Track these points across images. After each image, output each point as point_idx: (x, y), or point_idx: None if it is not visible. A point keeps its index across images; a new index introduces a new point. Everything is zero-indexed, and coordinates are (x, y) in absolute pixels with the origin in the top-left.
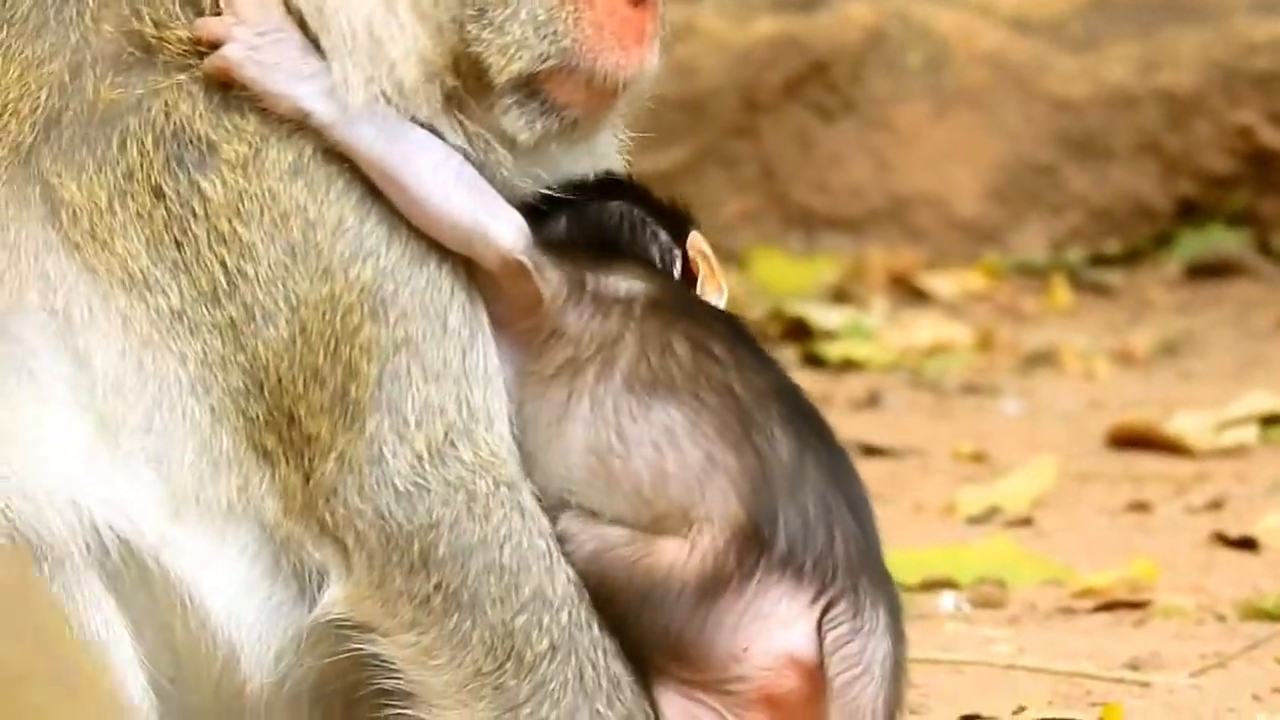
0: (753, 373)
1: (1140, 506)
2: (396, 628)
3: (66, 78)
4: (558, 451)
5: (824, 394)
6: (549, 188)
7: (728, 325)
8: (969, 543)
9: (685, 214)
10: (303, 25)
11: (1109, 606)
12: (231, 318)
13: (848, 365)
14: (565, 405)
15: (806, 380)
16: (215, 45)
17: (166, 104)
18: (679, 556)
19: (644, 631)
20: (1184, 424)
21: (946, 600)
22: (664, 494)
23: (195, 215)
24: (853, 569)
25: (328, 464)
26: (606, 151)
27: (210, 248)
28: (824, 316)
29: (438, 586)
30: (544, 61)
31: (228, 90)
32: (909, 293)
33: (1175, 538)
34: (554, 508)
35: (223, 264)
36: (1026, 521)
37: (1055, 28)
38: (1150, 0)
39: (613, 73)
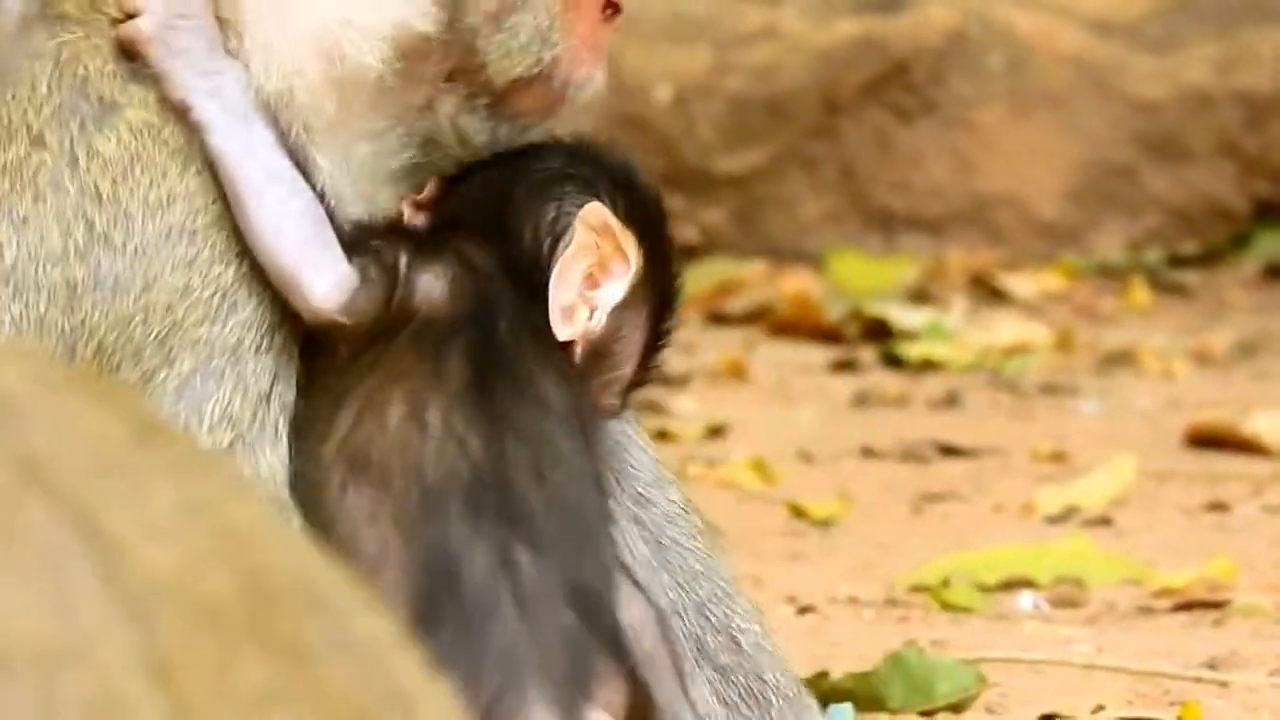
0: (458, 448)
1: (1218, 506)
2: None
3: None
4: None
5: (903, 394)
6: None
7: (478, 368)
8: (1047, 542)
9: (634, 181)
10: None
11: (1187, 606)
12: (73, 280)
13: (927, 365)
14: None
15: (886, 381)
16: (132, 15)
17: (76, 56)
18: None
19: None
20: (1262, 424)
21: (1025, 600)
22: (360, 571)
23: (75, 167)
24: (519, 671)
25: None
26: None
27: (80, 204)
28: (903, 317)
29: None
30: (535, 68)
31: (133, 61)
32: (988, 293)
33: (1253, 537)
34: None
35: (89, 224)
36: (1105, 521)
37: (1135, 29)
38: (1230, 1)
39: (579, 85)
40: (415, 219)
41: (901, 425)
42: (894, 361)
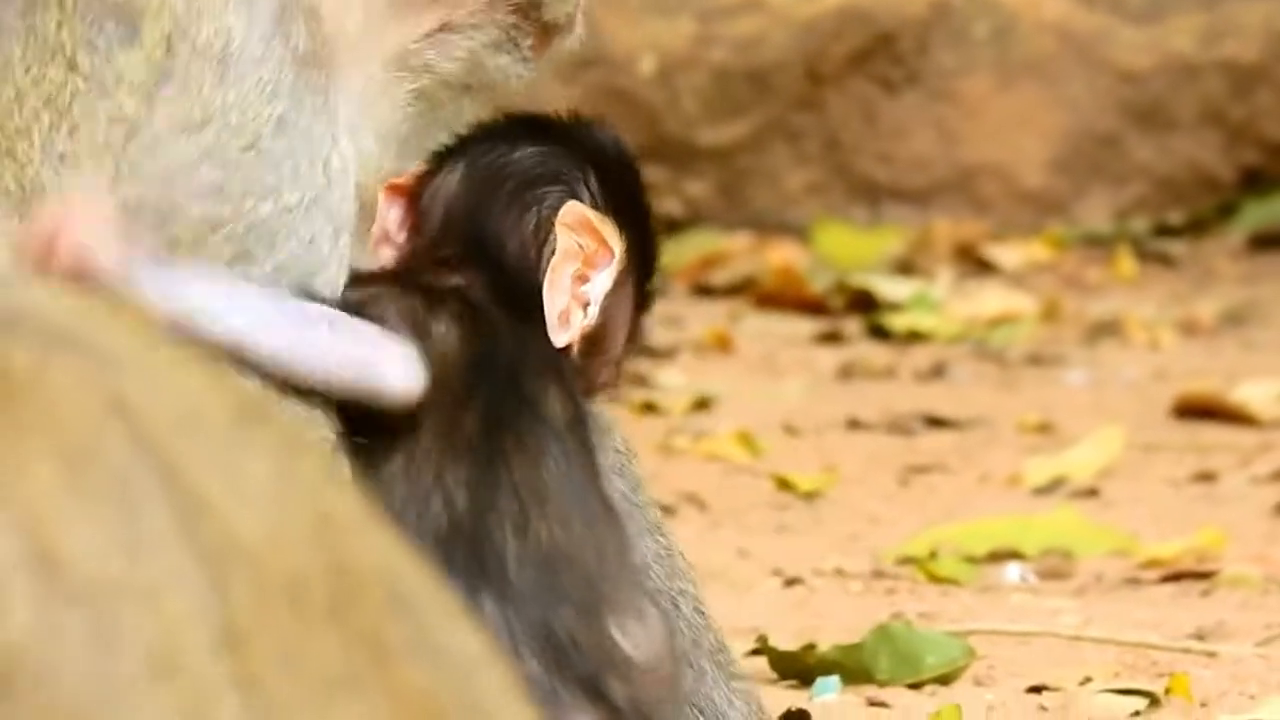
0: (443, 502)
1: (1206, 476)
2: None
3: None
4: None
5: (889, 366)
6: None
7: (485, 421)
8: (1034, 514)
9: (606, 157)
10: None
11: (1175, 577)
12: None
13: (913, 337)
14: None
15: (872, 352)
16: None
17: None
18: None
19: None
20: (1249, 393)
21: (1012, 571)
22: None
23: (105, 90)
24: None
25: None
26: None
27: (108, 131)
28: (889, 288)
29: None
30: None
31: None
32: (974, 264)
33: (1241, 507)
34: None
35: (118, 150)
36: (1092, 492)
37: None
38: None
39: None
40: (393, 206)
41: (888, 397)
42: (880, 333)
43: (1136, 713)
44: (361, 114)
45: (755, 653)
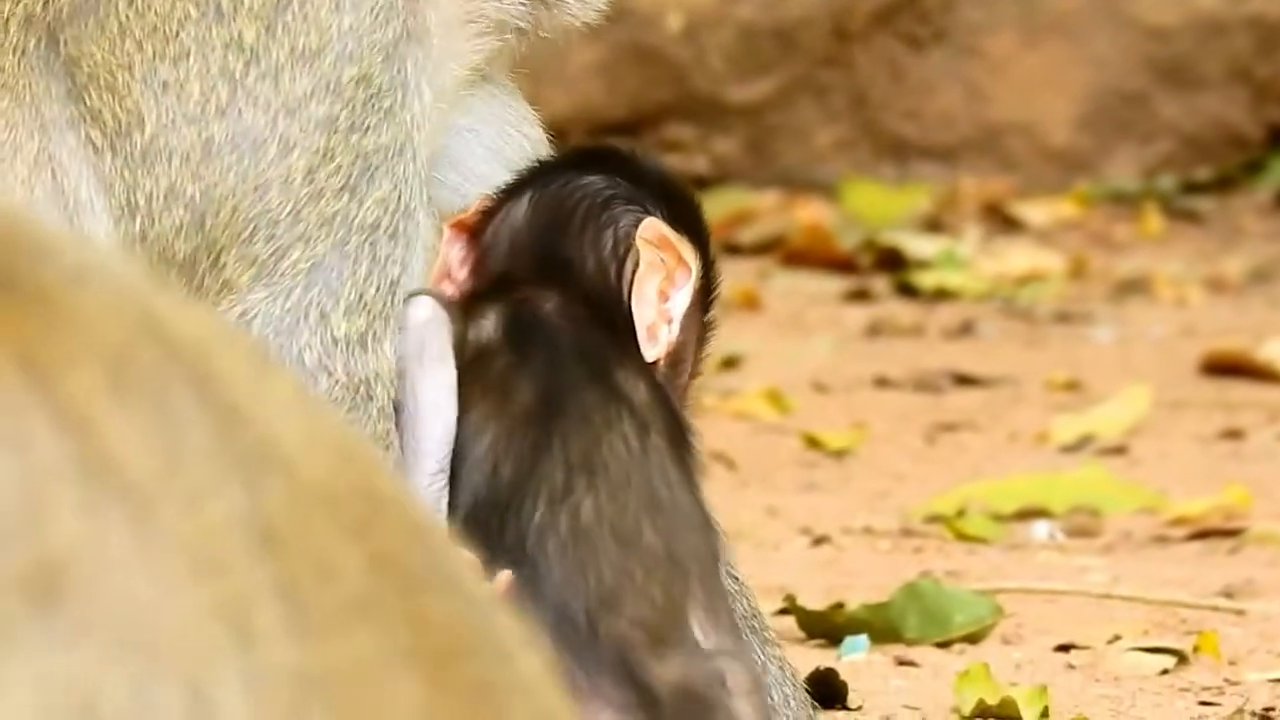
0: (492, 471)
1: (1233, 434)
2: None
3: None
4: None
5: (917, 324)
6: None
7: (542, 399)
8: (1062, 472)
9: (669, 185)
10: None
11: (1203, 534)
12: (210, 139)
13: (940, 295)
14: None
15: (900, 310)
16: None
17: None
18: None
19: None
20: (1276, 350)
21: (1040, 529)
22: None
23: (221, 16)
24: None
25: (231, 314)
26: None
27: (224, 58)
28: (917, 246)
29: None
30: None
31: None
32: (1001, 221)
33: (1269, 464)
34: None
35: (231, 77)
36: (1120, 450)
37: None
38: None
39: None
40: (455, 243)
41: (915, 355)
42: (908, 291)
43: (1165, 670)
44: (435, 57)
45: (783, 612)
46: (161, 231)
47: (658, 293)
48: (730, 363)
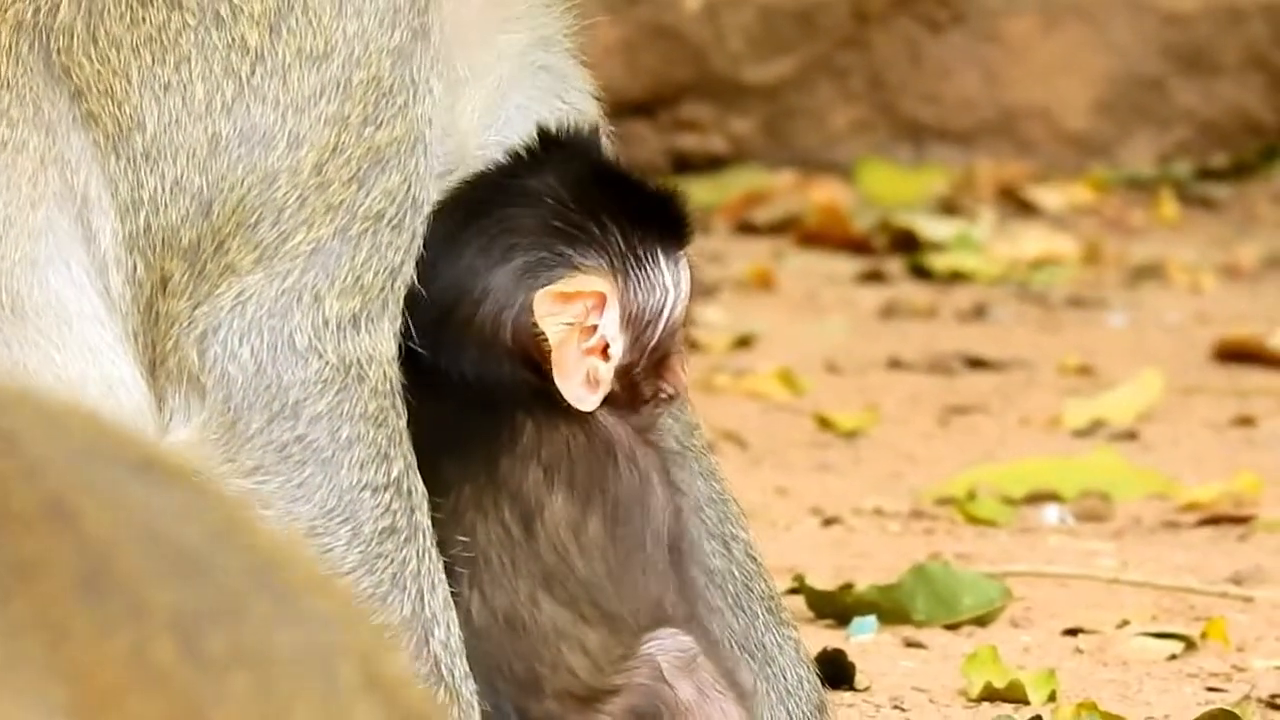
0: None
1: (1245, 420)
2: (235, 472)
3: None
4: None
5: (931, 306)
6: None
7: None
8: (1074, 456)
9: (576, 169)
10: None
11: (1213, 521)
12: (217, 134)
13: (955, 277)
14: None
15: (914, 292)
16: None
17: None
18: None
19: None
20: None
21: (1051, 513)
22: None
23: (220, 24)
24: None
25: (227, 295)
26: None
27: (228, 59)
28: (932, 228)
29: (300, 439)
30: None
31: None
32: (1016, 205)
33: None
34: None
35: (237, 77)
36: (1131, 435)
37: None
38: None
39: None
40: None
41: (929, 337)
42: (922, 273)
43: (1172, 656)
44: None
45: (793, 591)
46: (167, 222)
47: (581, 351)
48: (744, 342)
